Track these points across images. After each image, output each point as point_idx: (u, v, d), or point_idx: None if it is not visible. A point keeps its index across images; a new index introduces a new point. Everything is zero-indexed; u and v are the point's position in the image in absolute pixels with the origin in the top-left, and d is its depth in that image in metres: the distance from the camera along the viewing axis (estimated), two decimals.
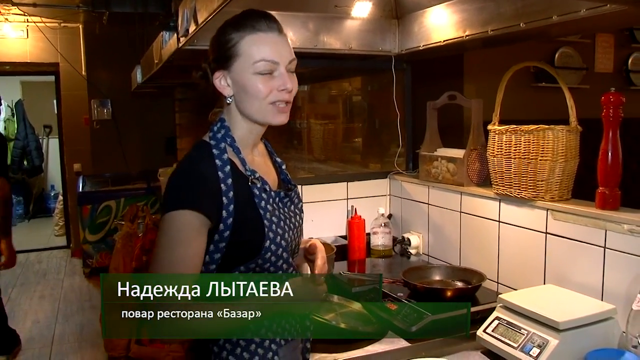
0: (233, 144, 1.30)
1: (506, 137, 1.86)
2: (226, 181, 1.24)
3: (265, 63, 1.25)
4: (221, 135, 1.30)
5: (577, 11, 1.47)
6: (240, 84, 1.26)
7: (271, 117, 1.29)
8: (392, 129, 2.66)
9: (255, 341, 1.28)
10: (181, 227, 1.19)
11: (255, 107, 1.28)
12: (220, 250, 1.24)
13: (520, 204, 1.85)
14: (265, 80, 1.26)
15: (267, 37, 1.26)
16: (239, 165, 1.29)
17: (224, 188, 1.23)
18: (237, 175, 1.27)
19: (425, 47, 2.18)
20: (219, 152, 1.27)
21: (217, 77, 1.28)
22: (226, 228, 1.23)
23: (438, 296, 1.77)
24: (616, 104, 1.59)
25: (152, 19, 4.58)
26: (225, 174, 1.25)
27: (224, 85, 1.28)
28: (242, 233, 1.24)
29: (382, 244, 2.39)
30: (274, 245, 1.27)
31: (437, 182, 2.26)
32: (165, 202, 1.22)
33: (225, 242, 1.24)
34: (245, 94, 1.27)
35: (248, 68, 1.25)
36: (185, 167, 1.28)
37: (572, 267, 1.67)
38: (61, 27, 6.28)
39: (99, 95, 6.25)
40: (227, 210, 1.23)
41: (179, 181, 1.24)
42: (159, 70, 2.95)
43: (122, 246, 3.74)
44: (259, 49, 1.25)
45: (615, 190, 1.60)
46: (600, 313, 1.47)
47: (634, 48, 4.52)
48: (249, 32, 1.25)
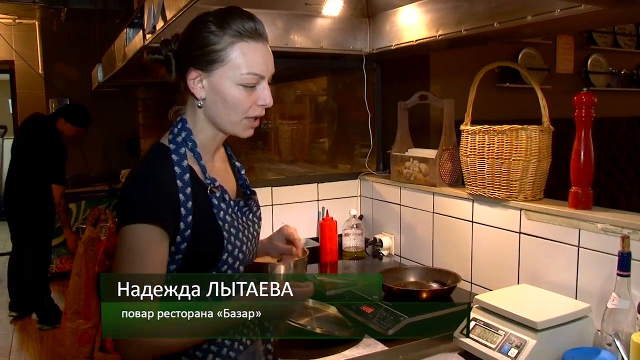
0: (194, 149, 1.23)
1: (479, 137, 1.86)
2: (185, 190, 1.18)
3: (253, 76, 1.19)
4: (182, 139, 1.22)
5: (552, 11, 1.48)
6: (220, 91, 1.19)
7: (241, 130, 1.24)
8: (362, 129, 2.64)
9: (213, 350, 1.24)
10: (141, 240, 1.13)
11: (230, 119, 1.22)
12: (176, 261, 1.19)
13: (494, 204, 1.85)
14: (247, 93, 1.20)
15: (257, 48, 1.20)
16: (199, 172, 1.23)
17: (182, 198, 1.17)
18: (197, 184, 1.21)
19: (397, 46, 2.17)
20: (179, 159, 1.20)
21: (193, 77, 1.20)
22: (183, 240, 1.18)
23: (414, 298, 1.76)
24: (588, 104, 1.60)
25: (112, 16, 4.45)
26: (184, 182, 1.18)
27: (199, 87, 1.20)
28: (199, 244, 1.19)
29: (354, 246, 2.37)
30: (231, 257, 1.23)
31: (408, 182, 2.25)
32: (123, 212, 1.16)
33: (181, 254, 1.19)
34: (222, 103, 1.20)
35: (232, 77, 1.18)
36: (143, 174, 1.20)
37: (546, 266, 1.67)
38: (16, 24, 6.07)
39: (57, 94, 6.05)
40: (185, 222, 1.17)
41: (137, 191, 1.17)
42: (122, 69, 2.86)
43: (85, 251, 3.61)
44: (249, 61, 1.18)
45: (588, 189, 1.61)
46: (576, 312, 1.47)
47: (593, 49, 4.63)
48: (239, 39, 1.18)
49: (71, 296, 3.67)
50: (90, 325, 3.63)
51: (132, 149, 5.51)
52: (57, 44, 5.95)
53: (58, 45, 5.95)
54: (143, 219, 1.13)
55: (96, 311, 3.61)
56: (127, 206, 1.16)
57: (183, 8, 1.38)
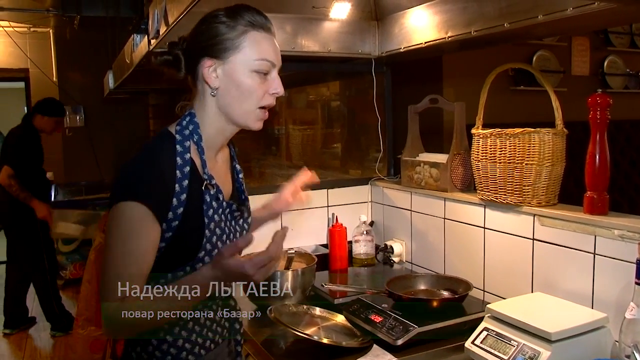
0: (199, 142, 1.24)
1: (491, 141, 1.81)
2: (182, 182, 1.19)
3: (266, 63, 1.22)
4: (189, 132, 1.24)
5: (564, 10, 1.43)
6: (234, 78, 1.22)
7: (253, 121, 1.26)
8: (372, 134, 2.60)
9: (172, 353, 1.25)
10: (133, 218, 1.14)
11: (243, 107, 1.23)
12: (159, 249, 1.20)
13: (506, 209, 1.80)
14: (260, 81, 1.22)
15: (267, 38, 1.24)
16: (199, 166, 1.24)
17: (178, 189, 1.18)
18: (194, 177, 1.22)
19: (406, 49, 2.12)
20: (182, 150, 1.22)
21: (208, 65, 1.22)
22: (169, 229, 1.19)
23: (424, 307, 1.71)
24: (603, 105, 1.54)
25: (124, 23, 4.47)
26: (183, 174, 1.20)
27: (213, 76, 1.22)
28: (182, 237, 1.20)
29: (365, 253, 2.32)
30: (208, 257, 1.24)
31: (419, 187, 2.21)
32: (117, 190, 1.17)
33: (165, 243, 1.19)
34: (237, 91, 1.22)
35: (246, 64, 1.21)
36: (144, 157, 1.21)
37: (561, 274, 1.62)
38: (30, 32, 6.12)
39: (71, 101, 6.09)
40: (175, 213, 1.18)
41: (136, 170, 1.18)
42: (130, 75, 2.85)
43: (96, 258, 3.61)
44: (263, 47, 1.22)
45: (604, 194, 1.56)
46: (592, 322, 1.42)
47: (610, 51, 4.55)
48: (252, 28, 1.21)
49: (82, 303, 3.67)
50: (101, 332, 3.62)
51: None
52: (71, 52, 6.00)
53: (71, 53, 6.00)
54: (135, 197, 1.14)
55: None
56: (122, 184, 1.18)
57: (184, 11, 1.37)
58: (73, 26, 5.28)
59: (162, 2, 1.60)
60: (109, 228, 1.17)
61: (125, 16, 4.38)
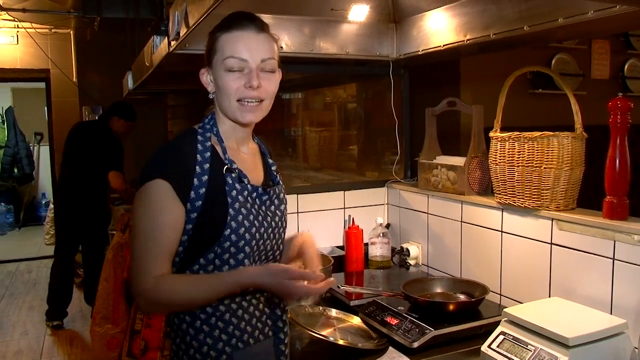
0: (218, 134, 1.35)
1: (509, 144, 1.80)
2: (203, 165, 1.27)
3: (234, 60, 1.27)
4: (209, 126, 1.35)
5: (585, 13, 1.42)
6: (215, 79, 1.32)
7: (238, 115, 1.31)
8: (389, 136, 2.60)
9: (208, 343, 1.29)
10: (157, 195, 1.23)
11: (225, 104, 1.31)
12: (187, 232, 1.27)
13: (524, 213, 1.78)
14: (234, 78, 1.28)
15: (240, 35, 1.28)
16: (220, 152, 1.33)
17: (198, 170, 1.26)
18: (216, 161, 1.30)
19: (425, 51, 2.12)
20: (203, 139, 1.32)
21: (202, 73, 1.35)
22: (194, 209, 1.25)
23: (440, 310, 1.70)
24: (624, 109, 1.53)
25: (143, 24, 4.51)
26: (204, 158, 1.28)
27: (208, 82, 1.35)
28: (207, 217, 1.26)
29: (381, 255, 2.32)
30: (234, 235, 1.28)
31: (436, 190, 2.20)
32: (143, 173, 1.26)
33: (191, 224, 1.26)
34: (218, 90, 1.32)
35: (220, 64, 1.29)
36: (167, 144, 1.34)
37: (579, 279, 1.60)
38: (52, 33, 6.21)
39: (90, 101, 6.16)
40: (197, 192, 1.25)
41: (159, 154, 1.29)
42: (150, 76, 2.88)
43: (113, 256, 3.64)
44: (230, 46, 1.28)
45: (624, 199, 1.54)
46: (611, 328, 1.40)
47: (630, 54, 4.50)
48: (225, 31, 1.29)
49: (100, 301, 3.70)
50: (118, 330, 3.65)
51: None
52: (91, 53, 6.07)
53: (91, 54, 6.07)
54: (155, 174, 1.23)
55: (124, 316, 3.63)
56: (146, 168, 1.27)
57: (204, 13, 1.38)
58: (93, 27, 5.36)
59: (182, 4, 1.62)
60: (135, 209, 1.25)
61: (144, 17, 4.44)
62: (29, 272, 6.51)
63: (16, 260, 6.95)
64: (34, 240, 7.90)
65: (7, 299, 5.52)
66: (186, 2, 1.59)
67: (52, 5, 5.13)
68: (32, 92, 8.59)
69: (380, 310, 1.76)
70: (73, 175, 4.48)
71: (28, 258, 7.05)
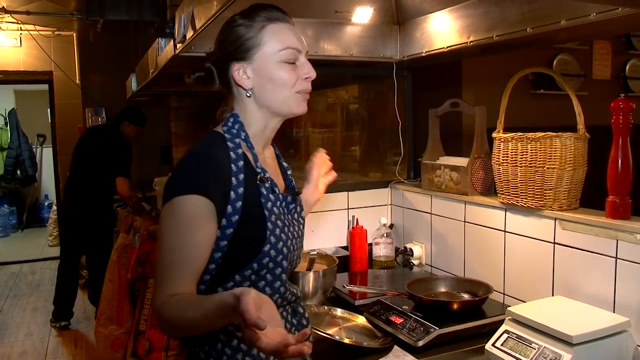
0: (247, 139, 1.27)
1: (512, 144, 1.82)
2: (238, 176, 1.20)
3: (291, 51, 1.24)
4: (236, 130, 1.27)
5: (587, 15, 1.43)
6: (265, 73, 1.24)
7: (296, 106, 1.28)
8: (392, 137, 2.62)
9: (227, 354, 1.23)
10: (191, 213, 1.13)
11: (282, 97, 1.26)
12: (221, 249, 1.18)
13: (527, 213, 1.80)
14: (291, 69, 1.25)
15: (287, 27, 1.26)
16: (252, 160, 1.26)
17: (234, 182, 1.19)
18: (249, 171, 1.23)
19: (428, 53, 2.14)
20: (234, 146, 1.23)
21: (237, 69, 1.25)
22: (230, 225, 1.18)
23: (444, 309, 1.72)
24: (626, 110, 1.54)
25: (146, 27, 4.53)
26: (238, 168, 1.20)
27: (244, 78, 1.26)
28: (244, 232, 1.19)
29: (385, 255, 2.34)
30: (273, 250, 1.22)
31: (440, 191, 2.22)
32: (173, 185, 1.16)
33: (226, 240, 1.18)
34: (271, 84, 1.25)
35: (272, 56, 1.23)
36: (198, 150, 1.22)
37: (582, 278, 1.62)
38: (55, 35, 6.23)
39: (93, 104, 6.18)
40: (234, 207, 1.18)
41: (190, 164, 1.18)
42: (154, 78, 2.90)
43: (118, 257, 3.67)
44: (283, 37, 1.24)
45: (626, 198, 1.56)
46: (614, 326, 1.41)
47: (632, 54, 4.52)
48: (268, 22, 1.23)
49: (104, 302, 3.73)
50: (122, 331, 3.68)
51: (165, 157, 5.58)
52: (93, 55, 6.09)
53: (94, 56, 6.09)
54: (193, 189, 1.13)
55: (128, 317, 3.66)
56: (177, 178, 1.18)
57: (212, 17, 1.39)
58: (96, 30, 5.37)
59: (189, 7, 1.64)
60: (163, 224, 1.15)
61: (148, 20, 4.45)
62: (33, 274, 6.54)
63: (19, 262, 6.98)
64: (37, 242, 7.93)
65: (10, 300, 5.54)
66: (192, 5, 1.60)
67: (55, 8, 5.16)
68: (34, 94, 8.62)
69: (384, 309, 1.77)
70: (82, 178, 4.54)
71: (31, 260, 7.08)
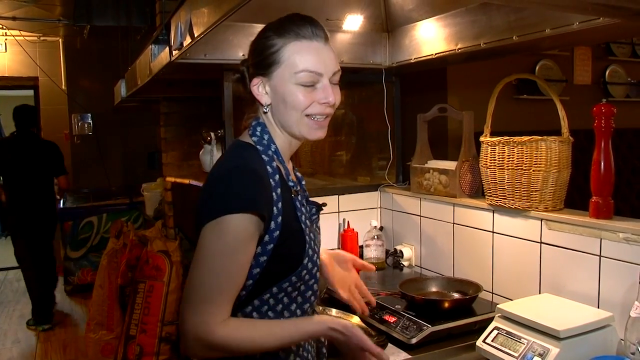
0: (277, 152, 1.23)
1: (499, 148, 1.88)
2: (277, 190, 1.16)
3: (308, 74, 1.17)
4: (266, 142, 1.22)
5: (570, 24, 1.50)
6: (280, 93, 1.19)
7: (307, 131, 1.21)
8: (381, 142, 2.67)
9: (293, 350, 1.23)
10: (240, 231, 1.08)
11: (292, 119, 1.20)
12: (260, 264, 1.15)
13: (514, 214, 1.86)
14: (306, 92, 1.18)
15: (311, 45, 1.18)
16: (284, 174, 1.23)
17: (275, 197, 1.15)
18: (284, 185, 1.20)
19: (417, 60, 2.20)
20: (269, 159, 1.19)
21: (256, 83, 1.22)
22: (271, 240, 1.14)
23: (436, 307, 1.77)
24: (608, 114, 1.61)
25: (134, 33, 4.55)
26: (275, 182, 1.17)
27: (262, 93, 1.22)
28: (284, 247, 1.16)
29: (375, 257, 2.39)
30: (310, 262, 1.22)
31: (429, 194, 2.28)
32: (216, 203, 1.09)
33: (267, 256, 1.15)
34: (283, 104, 1.20)
35: (289, 77, 1.17)
36: (238, 165, 1.15)
37: (568, 275, 1.68)
38: (40, 41, 6.22)
39: (79, 109, 6.17)
40: (275, 222, 1.14)
41: (236, 179, 1.11)
42: (145, 84, 2.92)
43: (108, 263, 3.68)
44: (303, 58, 1.17)
45: (609, 199, 1.62)
46: (599, 321, 1.48)
47: (611, 60, 4.62)
48: (292, 39, 1.17)
49: (94, 307, 3.74)
50: (112, 336, 3.68)
51: (152, 163, 5.60)
52: (80, 61, 6.10)
53: (81, 62, 6.09)
54: (245, 208, 1.08)
55: (119, 322, 3.66)
56: (224, 195, 1.10)
57: (212, 25, 1.43)
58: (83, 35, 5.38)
59: (187, 15, 1.68)
60: (208, 243, 1.09)
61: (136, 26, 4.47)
62: (18, 281, 6.45)
63: (5, 269, 6.90)
64: None
65: None
66: (190, 13, 1.64)
67: (41, 13, 5.16)
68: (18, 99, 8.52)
69: (378, 308, 1.82)
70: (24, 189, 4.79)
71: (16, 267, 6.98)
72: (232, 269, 1.09)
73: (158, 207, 4.63)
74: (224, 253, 1.08)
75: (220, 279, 1.08)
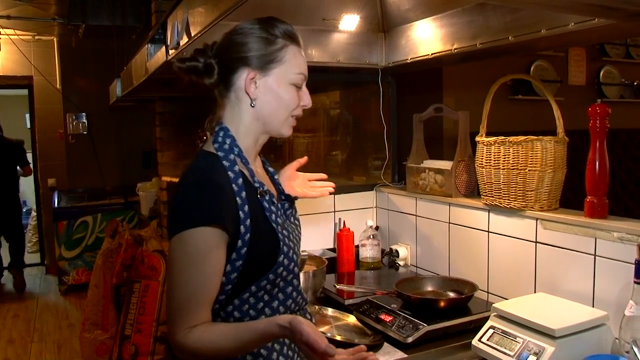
0: (241, 154, 1.26)
1: (495, 148, 1.89)
2: (241, 194, 1.19)
3: (302, 76, 1.29)
4: (228, 146, 1.25)
5: (566, 25, 1.51)
6: (275, 90, 1.26)
7: (287, 129, 1.31)
8: (376, 141, 2.68)
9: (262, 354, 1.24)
10: (201, 243, 1.13)
11: (281, 117, 1.28)
12: (237, 269, 1.19)
13: (510, 214, 1.87)
14: (296, 93, 1.29)
15: (300, 52, 1.30)
16: (249, 176, 1.26)
17: (239, 202, 1.18)
18: (249, 188, 1.23)
19: (413, 60, 2.20)
20: (230, 164, 1.22)
21: (251, 77, 1.24)
22: (244, 244, 1.18)
23: (432, 307, 1.78)
24: (602, 115, 1.62)
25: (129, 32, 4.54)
26: (238, 186, 1.20)
27: (253, 87, 1.25)
28: (257, 248, 1.20)
29: (371, 256, 2.39)
30: (286, 259, 1.25)
31: (424, 193, 2.28)
32: (178, 217, 1.16)
33: (242, 260, 1.19)
34: (276, 102, 1.26)
35: (287, 76, 1.26)
36: (197, 178, 1.20)
37: (563, 275, 1.69)
38: (35, 40, 6.20)
39: (74, 109, 6.15)
40: (245, 226, 1.18)
41: (194, 195, 1.16)
42: (141, 84, 2.92)
43: (103, 262, 3.67)
44: (299, 62, 1.28)
45: (603, 199, 1.63)
46: (594, 319, 1.49)
47: (605, 61, 4.65)
48: (290, 42, 1.27)
49: (89, 307, 3.72)
50: (107, 336, 3.67)
51: (147, 162, 5.59)
52: (75, 60, 6.08)
53: (76, 61, 6.07)
54: (202, 221, 1.13)
55: (114, 322, 3.66)
56: (183, 211, 1.16)
57: (209, 25, 1.43)
58: (78, 35, 5.36)
59: (183, 14, 1.68)
60: (174, 257, 1.14)
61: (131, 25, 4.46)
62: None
63: None
64: None
65: None
66: (187, 13, 1.64)
67: (36, 12, 5.14)
68: (13, 98, 8.52)
69: (374, 308, 1.83)
70: None
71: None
72: (199, 280, 1.14)
73: (153, 207, 4.62)
74: (189, 265, 1.14)
75: (187, 288, 1.14)
